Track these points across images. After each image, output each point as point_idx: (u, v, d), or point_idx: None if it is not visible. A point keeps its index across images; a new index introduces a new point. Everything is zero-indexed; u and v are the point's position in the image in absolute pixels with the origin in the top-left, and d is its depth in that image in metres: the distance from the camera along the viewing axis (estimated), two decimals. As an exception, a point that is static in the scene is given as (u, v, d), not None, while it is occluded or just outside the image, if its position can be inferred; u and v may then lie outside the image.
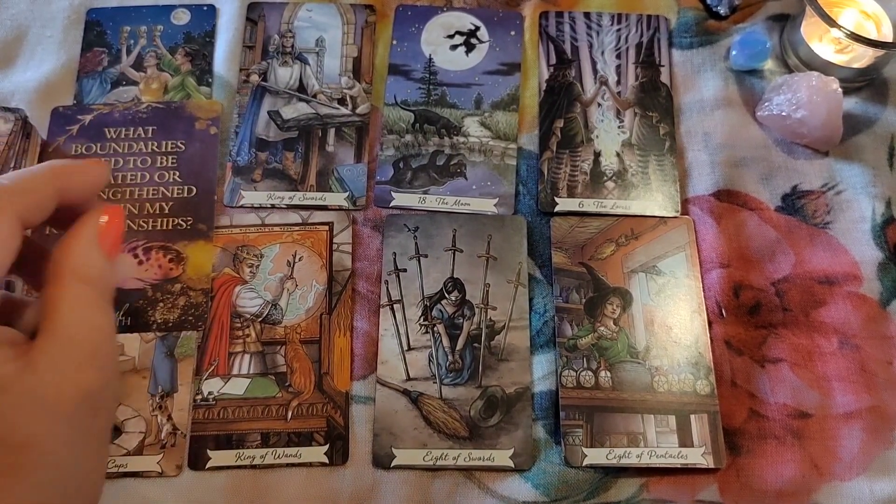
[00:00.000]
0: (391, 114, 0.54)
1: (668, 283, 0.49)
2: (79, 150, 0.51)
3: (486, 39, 0.57)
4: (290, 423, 0.45)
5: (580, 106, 0.55)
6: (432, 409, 0.46)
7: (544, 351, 0.47)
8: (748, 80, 0.55)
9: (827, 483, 0.44)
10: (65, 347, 0.27)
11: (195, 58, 0.56)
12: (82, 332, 0.28)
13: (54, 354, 0.27)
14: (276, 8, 0.57)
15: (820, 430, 0.45)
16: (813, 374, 0.47)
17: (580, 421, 0.45)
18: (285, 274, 0.49)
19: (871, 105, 0.54)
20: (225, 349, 0.47)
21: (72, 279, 0.29)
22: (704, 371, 0.46)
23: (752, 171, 0.52)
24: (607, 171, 0.52)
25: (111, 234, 0.31)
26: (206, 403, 0.46)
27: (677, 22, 0.58)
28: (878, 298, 0.49)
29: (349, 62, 0.56)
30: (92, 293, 0.29)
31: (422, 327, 0.48)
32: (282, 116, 0.54)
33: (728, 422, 0.45)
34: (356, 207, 0.51)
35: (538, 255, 0.50)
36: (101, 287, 0.30)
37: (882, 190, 0.51)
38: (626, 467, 0.44)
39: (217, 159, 0.52)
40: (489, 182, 0.52)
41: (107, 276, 0.30)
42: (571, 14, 0.58)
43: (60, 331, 0.28)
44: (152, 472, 0.44)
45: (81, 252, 0.30)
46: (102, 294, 0.30)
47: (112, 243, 0.31)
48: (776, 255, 0.50)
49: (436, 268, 0.49)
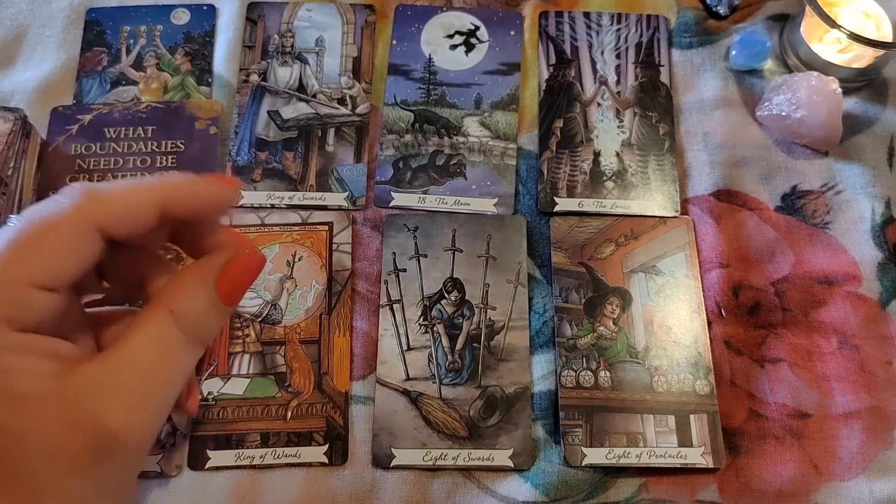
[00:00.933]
0: (391, 114, 0.54)
1: (668, 283, 0.49)
2: (78, 149, 0.51)
3: (485, 39, 0.57)
4: (290, 423, 0.45)
5: (580, 106, 0.55)
6: (432, 409, 0.46)
7: (544, 351, 0.47)
8: (748, 80, 0.55)
9: (826, 483, 0.44)
10: (109, 372, 0.25)
11: (195, 58, 0.56)
12: (140, 369, 0.25)
13: (100, 380, 0.25)
14: (276, 8, 0.57)
15: (819, 430, 0.45)
16: (812, 374, 0.47)
17: (579, 421, 0.45)
18: (285, 274, 0.49)
19: (871, 105, 0.54)
20: (224, 349, 0.47)
21: (162, 314, 0.26)
22: (704, 371, 0.46)
23: (751, 171, 0.52)
24: (607, 171, 0.52)
25: (235, 280, 0.28)
26: (205, 403, 0.46)
27: (677, 22, 0.58)
28: (878, 298, 0.49)
29: (349, 62, 0.56)
30: (177, 335, 0.26)
31: (421, 327, 0.48)
32: (281, 116, 0.54)
33: (727, 422, 0.45)
34: (356, 207, 0.51)
35: (538, 255, 0.50)
36: (193, 332, 0.27)
37: (882, 190, 0.51)
38: (626, 467, 0.44)
39: (217, 159, 0.52)
40: (489, 182, 0.52)
41: (207, 323, 0.27)
42: (571, 14, 0.58)
43: (115, 355, 0.25)
44: (152, 472, 0.44)
45: (186, 289, 0.27)
46: (193, 340, 0.27)
47: (231, 289, 0.27)
48: (776, 255, 0.50)
49: (435, 268, 0.49)
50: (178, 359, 0.26)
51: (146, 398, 0.25)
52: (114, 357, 0.25)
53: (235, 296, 0.28)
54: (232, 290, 0.27)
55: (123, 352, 0.25)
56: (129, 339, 0.26)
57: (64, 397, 0.24)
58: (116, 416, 0.24)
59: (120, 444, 0.24)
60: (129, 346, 0.25)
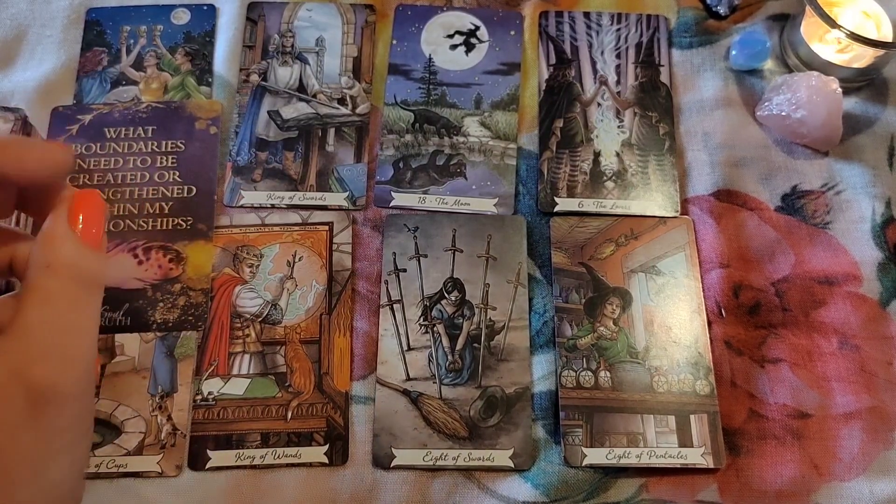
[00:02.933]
0: (391, 114, 0.54)
1: (668, 283, 0.49)
2: (79, 149, 0.51)
3: (485, 39, 0.57)
4: (290, 423, 0.45)
5: (580, 106, 0.55)
6: (432, 410, 0.46)
7: (544, 351, 0.47)
8: (748, 79, 0.55)
9: (827, 483, 0.44)
10: (19, 342, 0.27)
11: (195, 57, 0.56)
12: (44, 326, 0.28)
13: (15, 347, 0.27)
14: (276, 8, 0.57)
15: (820, 430, 0.45)
16: (813, 375, 0.47)
17: (580, 421, 0.45)
18: (285, 274, 0.49)
19: (871, 105, 0.54)
20: (225, 349, 0.47)
21: (41, 274, 0.28)
22: (704, 371, 0.46)
23: (751, 171, 0.52)
24: (607, 171, 0.52)
25: (86, 218, 0.29)
26: (205, 403, 0.46)
27: (677, 22, 0.58)
28: (878, 298, 0.49)
29: (349, 62, 0.56)
30: (67, 287, 0.28)
31: (421, 327, 0.48)
32: (282, 116, 0.54)
33: (728, 422, 0.45)
34: (356, 207, 0.51)
35: (538, 255, 0.50)
36: (76, 278, 0.28)
37: (882, 190, 0.51)
38: (626, 467, 0.44)
39: (217, 159, 0.52)
40: (489, 182, 0.52)
41: (85, 265, 0.29)
42: (571, 14, 0.58)
43: (18, 325, 0.27)
44: (152, 472, 0.44)
45: (49, 243, 0.29)
46: (83, 287, 0.29)
47: (90, 231, 0.30)
48: (776, 255, 0.50)
49: (436, 268, 0.49)
50: (76, 307, 0.28)
51: (64, 350, 0.28)
52: (19, 326, 0.27)
53: (95, 235, 0.30)
54: (88, 230, 0.29)
55: (26, 318, 0.27)
56: (25, 306, 0.28)
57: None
58: (41, 371, 0.27)
59: (52, 395, 0.27)
60: (28, 313, 0.27)
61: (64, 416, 0.28)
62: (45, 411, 0.27)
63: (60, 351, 0.28)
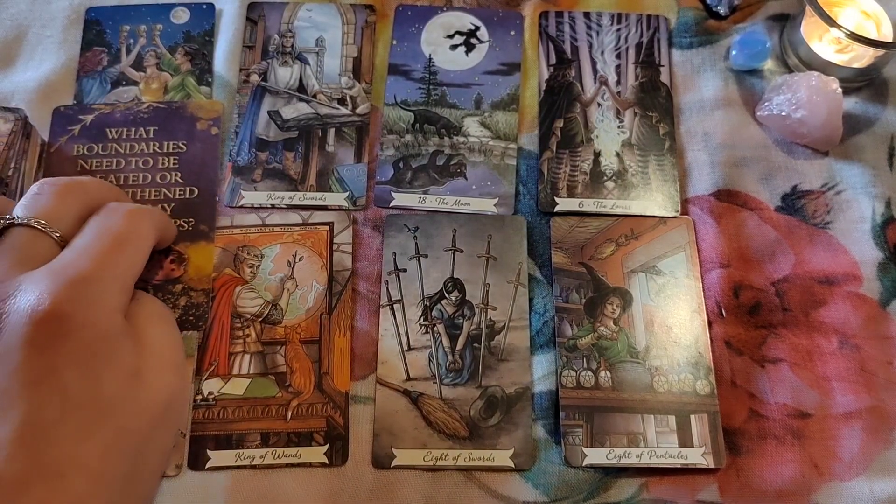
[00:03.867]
0: (391, 114, 0.54)
1: (668, 283, 0.49)
2: (80, 150, 0.51)
3: (485, 39, 0.57)
4: (290, 423, 0.45)
5: (580, 106, 0.55)
6: (432, 410, 0.46)
7: (544, 351, 0.47)
8: (748, 80, 0.55)
9: (827, 483, 0.44)
10: (159, 358, 0.39)
11: (195, 57, 0.56)
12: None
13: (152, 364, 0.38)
14: (276, 8, 0.57)
15: (820, 430, 0.45)
16: (813, 374, 0.47)
17: (580, 421, 0.45)
18: (285, 274, 0.49)
19: (871, 105, 0.54)
20: (225, 349, 0.47)
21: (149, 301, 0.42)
22: (704, 371, 0.46)
23: (751, 171, 0.52)
24: (607, 171, 0.52)
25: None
26: (205, 403, 0.46)
27: (677, 22, 0.58)
28: (878, 298, 0.49)
29: (349, 62, 0.56)
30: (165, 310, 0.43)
31: (422, 327, 0.48)
32: (282, 116, 0.54)
33: (728, 422, 0.45)
34: (356, 207, 0.51)
35: (538, 255, 0.50)
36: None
37: (882, 190, 0.51)
38: (626, 467, 0.44)
39: (218, 160, 0.52)
40: (489, 182, 0.52)
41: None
42: (571, 14, 0.58)
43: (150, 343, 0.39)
44: (153, 472, 0.44)
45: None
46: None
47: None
48: (776, 255, 0.50)
49: (436, 268, 0.49)
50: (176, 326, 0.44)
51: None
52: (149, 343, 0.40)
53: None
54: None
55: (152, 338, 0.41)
56: (148, 328, 0.41)
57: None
58: (175, 381, 0.40)
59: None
60: (151, 333, 0.41)
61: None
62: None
63: (180, 360, 0.42)
